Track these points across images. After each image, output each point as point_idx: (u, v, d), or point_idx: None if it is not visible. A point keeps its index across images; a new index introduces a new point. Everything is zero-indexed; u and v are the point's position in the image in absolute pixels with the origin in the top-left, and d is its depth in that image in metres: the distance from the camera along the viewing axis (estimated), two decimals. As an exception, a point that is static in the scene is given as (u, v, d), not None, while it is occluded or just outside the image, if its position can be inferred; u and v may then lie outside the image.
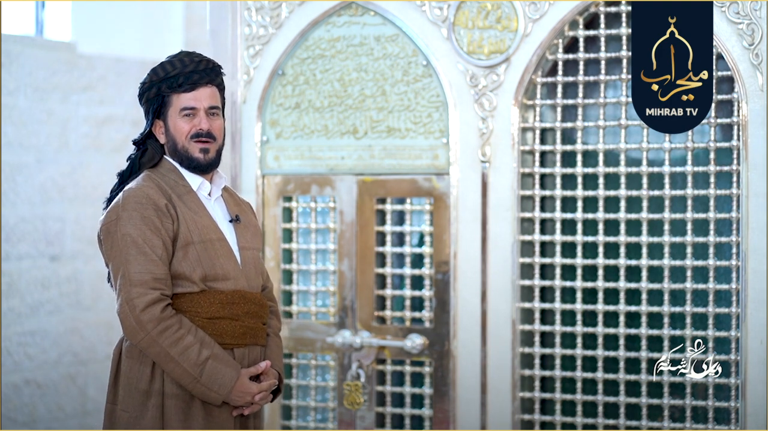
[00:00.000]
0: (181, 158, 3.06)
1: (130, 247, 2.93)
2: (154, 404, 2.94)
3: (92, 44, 5.72)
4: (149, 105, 3.07)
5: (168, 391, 2.95)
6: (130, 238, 2.93)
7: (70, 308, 5.53)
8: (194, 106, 3.04)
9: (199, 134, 3.04)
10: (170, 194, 3.01)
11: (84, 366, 5.60)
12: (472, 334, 3.82)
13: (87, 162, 5.63)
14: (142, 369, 2.96)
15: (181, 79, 3.03)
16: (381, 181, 3.95)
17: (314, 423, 4.08)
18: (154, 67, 3.08)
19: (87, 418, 5.59)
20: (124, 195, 3.00)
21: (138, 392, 2.96)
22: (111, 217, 2.99)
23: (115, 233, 2.96)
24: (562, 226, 3.79)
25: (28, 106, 5.37)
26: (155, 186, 3.01)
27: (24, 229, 5.34)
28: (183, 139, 3.04)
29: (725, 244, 3.58)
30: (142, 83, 3.09)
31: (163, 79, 3.04)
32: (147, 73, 3.09)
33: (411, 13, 3.88)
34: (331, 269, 4.02)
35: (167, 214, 2.97)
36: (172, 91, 3.04)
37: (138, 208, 2.95)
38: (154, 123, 3.08)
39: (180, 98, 3.04)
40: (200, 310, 2.98)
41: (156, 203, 2.96)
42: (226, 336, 3.00)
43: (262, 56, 4.05)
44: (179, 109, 3.04)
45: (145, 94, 3.08)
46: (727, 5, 3.50)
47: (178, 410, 2.94)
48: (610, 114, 3.75)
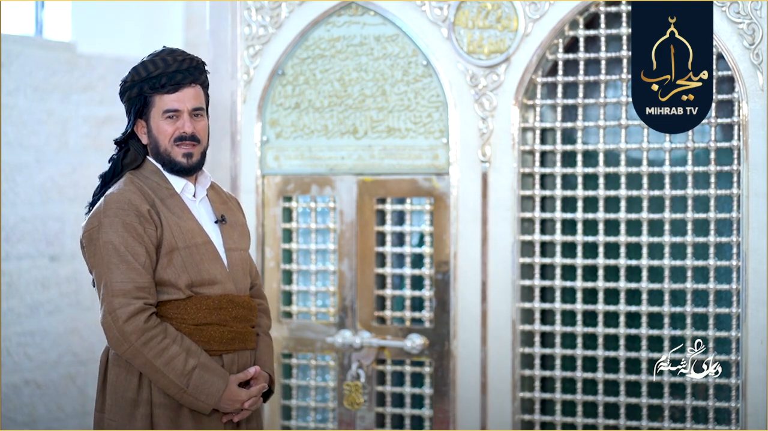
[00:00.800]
0: (163, 160, 2.98)
1: (112, 255, 2.86)
2: (142, 413, 2.89)
3: (92, 44, 5.72)
4: (131, 104, 2.98)
5: (156, 400, 2.89)
6: (112, 245, 2.86)
7: (70, 308, 5.53)
8: (177, 108, 2.95)
9: (182, 137, 2.96)
10: (153, 199, 2.94)
11: (84, 366, 5.59)
12: (472, 334, 3.82)
13: (87, 162, 5.62)
14: (129, 378, 2.91)
15: (164, 79, 2.94)
16: (381, 181, 3.94)
17: (314, 424, 4.07)
18: (136, 66, 2.99)
19: (87, 418, 5.59)
20: (105, 200, 2.92)
21: (126, 401, 2.91)
22: (93, 223, 2.91)
23: (97, 240, 2.89)
24: (563, 226, 3.79)
25: (28, 106, 5.37)
26: (137, 190, 2.93)
27: (24, 229, 5.34)
28: (166, 142, 2.96)
29: (725, 244, 3.58)
30: (123, 81, 3.00)
31: (145, 79, 2.95)
32: (128, 72, 3.00)
33: (411, 13, 3.88)
34: (331, 269, 4.02)
35: (150, 220, 2.90)
36: (154, 91, 2.95)
37: (120, 214, 2.88)
38: (136, 123, 2.99)
39: (163, 99, 2.95)
40: (187, 317, 2.92)
41: (138, 209, 2.89)
42: (214, 342, 2.95)
43: (262, 56, 4.05)
44: (162, 110, 2.95)
45: (126, 93, 2.98)
46: (727, 5, 3.50)
47: (166, 419, 2.89)
48: (610, 114, 3.75)
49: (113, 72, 5.74)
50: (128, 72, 3.00)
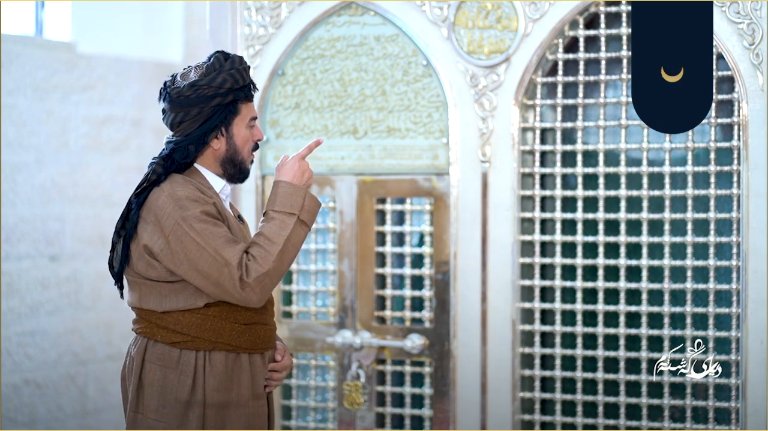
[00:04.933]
0: (234, 166, 3.00)
1: (208, 236, 2.85)
2: (196, 415, 2.90)
3: (92, 44, 5.72)
4: (218, 110, 2.95)
5: (210, 401, 2.90)
6: (201, 229, 2.85)
7: (70, 308, 5.53)
8: (256, 116, 3.04)
9: (258, 144, 3.04)
10: (211, 195, 2.95)
11: (84, 366, 5.59)
12: (472, 334, 3.82)
13: (87, 162, 5.62)
14: (183, 379, 2.91)
15: (253, 89, 3.01)
16: (381, 181, 3.94)
17: (314, 423, 4.07)
18: (228, 72, 2.95)
19: (86, 418, 5.59)
20: (173, 198, 2.88)
21: (179, 403, 2.90)
22: (171, 222, 2.87)
23: (186, 233, 2.85)
24: (562, 226, 3.79)
25: (27, 106, 5.37)
26: (197, 190, 2.93)
27: (24, 229, 5.34)
28: (246, 149, 3.00)
29: (725, 244, 3.58)
30: (218, 86, 2.94)
31: (241, 87, 2.97)
32: (218, 77, 2.94)
33: (411, 13, 3.88)
34: (331, 269, 4.02)
35: (218, 214, 2.92)
36: (246, 99, 2.99)
37: (196, 206, 2.87)
38: (215, 129, 2.97)
39: (248, 108, 3.00)
40: (239, 316, 2.94)
41: (207, 202, 2.91)
42: (260, 340, 2.98)
43: (262, 56, 4.05)
44: (248, 118, 3.00)
45: (217, 98, 2.94)
46: (727, 5, 3.50)
47: (217, 419, 2.91)
48: (610, 114, 3.75)
49: (113, 72, 5.74)
50: (217, 77, 2.95)
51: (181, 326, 2.92)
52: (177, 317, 2.93)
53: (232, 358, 2.94)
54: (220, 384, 2.92)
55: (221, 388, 2.92)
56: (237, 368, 2.95)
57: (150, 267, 2.93)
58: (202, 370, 2.92)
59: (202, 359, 2.93)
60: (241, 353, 2.96)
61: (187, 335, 2.92)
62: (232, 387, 2.94)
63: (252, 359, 2.98)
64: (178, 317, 2.93)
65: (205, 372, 2.92)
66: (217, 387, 2.92)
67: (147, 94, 5.81)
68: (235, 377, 2.94)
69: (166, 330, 2.94)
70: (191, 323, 2.92)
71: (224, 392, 2.92)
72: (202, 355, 2.93)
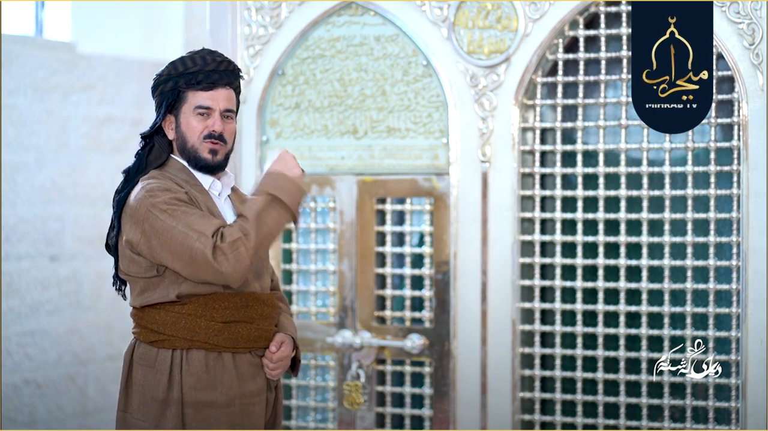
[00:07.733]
0: (188, 156, 2.99)
1: (178, 218, 2.83)
2: (173, 413, 2.89)
3: (92, 44, 5.72)
4: (163, 98, 2.99)
5: (187, 400, 2.89)
6: (172, 213, 2.84)
7: (70, 308, 5.53)
8: (210, 106, 2.97)
9: (211, 135, 2.97)
10: (189, 190, 2.94)
11: (84, 366, 5.59)
12: (472, 334, 3.82)
13: (87, 162, 5.62)
14: (158, 377, 2.91)
15: (201, 76, 2.96)
16: (381, 181, 3.94)
17: (314, 423, 4.08)
18: (174, 61, 3.00)
19: (86, 418, 5.59)
20: (146, 189, 2.89)
21: (155, 402, 2.90)
22: (140, 213, 2.86)
23: (156, 221, 2.84)
24: (562, 226, 3.79)
25: (27, 106, 5.37)
26: (172, 183, 2.94)
27: (24, 229, 5.34)
28: (194, 138, 2.97)
29: (725, 244, 3.58)
30: (159, 75, 3.00)
31: (181, 74, 2.96)
32: (165, 66, 3.00)
33: (411, 13, 3.88)
34: (331, 269, 4.02)
35: (193, 203, 2.91)
36: (189, 87, 2.96)
37: (168, 194, 2.87)
38: (165, 118, 3.00)
39: (196, 96, 2.96)
40: (215, 314, 2.92)
41: (177, 192, 2.90)
42: (241, 340, 2.95)
43: (261, 56, 4.05)
44: (194, 106, 2.96)
45: (160, 86, 2.99)
46: (727, 5, 3.50)
47: (198, 418, 2.89)
48: (610, 114, 3.75)
49: (113, 72, 5.74)
50: (165, 66, 3.01)
51: (157, 324, 2.93)
52: (153, 316, 2.94)
53: (213, 357, 2.93)
54: (199, 382, 2.91)
55: (200, 387, 2.91)
56: (219, 367, 2.93)
57: (132, 263, 2.95)
58: (179, 368, 2.91)
59: (179, 357, 2.92)
60: (224, 352, 2.94)
61: (163, 334, 2.93)
62: (215, 386, 2.92)
63: (237, 358, 2.96)
64: (154, 315, 2.93)
65: (182, 370, 2.91)
66: (195, 386, 2.91)
67: (147, 95, 5.77)
68: (217, 376, 2.92)
69: (146, 329, 2.95)
70: (166, 321, 2.92)
71: (204, 391, 2.91)
72: (179, 354, 2.92)
